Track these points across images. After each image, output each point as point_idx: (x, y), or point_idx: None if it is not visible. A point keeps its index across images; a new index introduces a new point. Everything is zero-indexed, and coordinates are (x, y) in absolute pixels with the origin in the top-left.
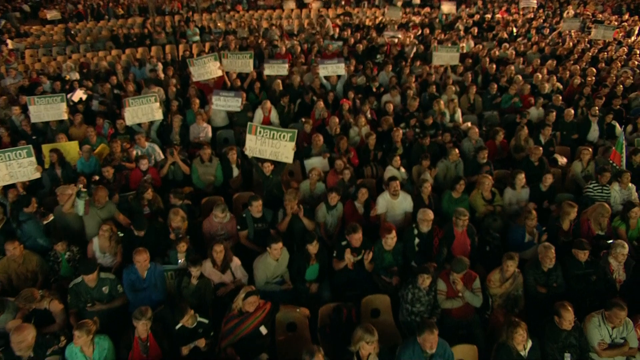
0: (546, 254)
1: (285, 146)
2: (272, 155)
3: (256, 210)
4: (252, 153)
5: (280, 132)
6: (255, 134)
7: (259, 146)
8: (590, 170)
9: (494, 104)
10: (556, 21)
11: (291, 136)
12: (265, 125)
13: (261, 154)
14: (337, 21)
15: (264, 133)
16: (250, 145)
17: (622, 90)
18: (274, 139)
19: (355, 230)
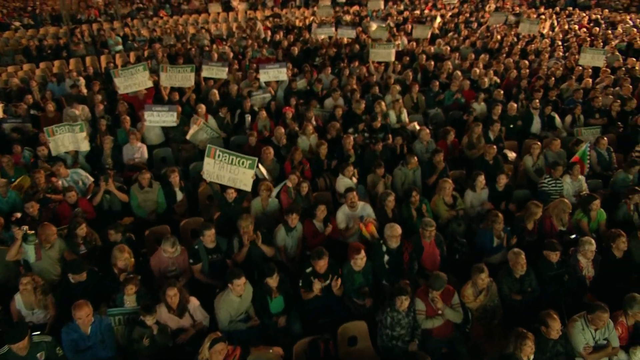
0: (517, 261)
1: (244, 173)
2: (229, 182)
3: (209, 241)
4: (210, 177)
5: (239, 158)
6: (213, 158)
7: (217, 171)
8: (541, 164)
9: (437, 101)
10: (481, 15)
11: (251, 164)
12: (225, 149)
13: (219, 179)
14: (266, 23)
15: (222, 157)
16: (208, 169)
17: (555, 81)
18: (233, 164)
19: (320, 256)
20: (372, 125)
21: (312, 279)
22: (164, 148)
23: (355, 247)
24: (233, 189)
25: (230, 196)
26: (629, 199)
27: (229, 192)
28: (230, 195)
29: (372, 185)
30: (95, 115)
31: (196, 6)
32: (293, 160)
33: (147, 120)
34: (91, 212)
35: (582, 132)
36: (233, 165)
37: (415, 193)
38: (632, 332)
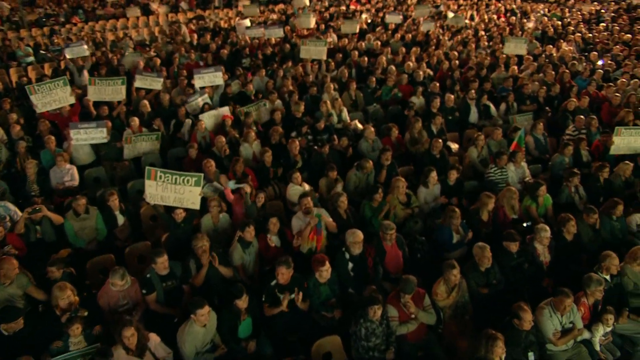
0: (483, 255)
1: (190, 191)
2: (176, 202)
3: (162, 267)
4: (154, 200)
5: (183, 177)
6: (155, 180)
7: (160, 192)
8: (485, 154)
9: (376, 97)
10: (405, 8)
11: (196, 180)
12: (166, 170)
13: (164, 201)
14: (190, 26)
15: (164, 178)
16: (151, 191)
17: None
18: (177, 183)
19: (287, 265)
20: (315, 127)
21: (278, 292)
22: (96, 168)
23: (319, 259)
24: (181, 209)
25: (179, 216)
26: (569, 181)
27: (177, 212)
28: (179, 215)
29: (325, 189)
30: (11, 136)
31: (112, 11)
32: (235, 172)
33: (74, 139)
34: (22, 247)
35: (517, 119)
36: (178, 185)
37: (380, 191)
38: (592, 310)
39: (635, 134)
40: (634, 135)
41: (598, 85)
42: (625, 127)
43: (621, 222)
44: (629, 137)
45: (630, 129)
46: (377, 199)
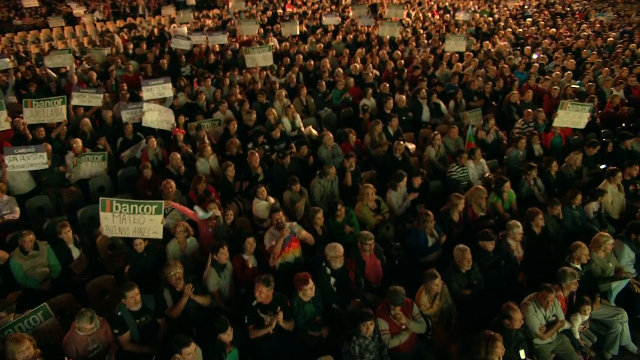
0: (464, 257)
1: (151, 220)
2: (136, 233)
3: (133, 302)
4: (111, 233)
5: (142, 205)
6: (110, 211)
7: (118, 224)
8: (443, 153)
9: (326, 101)
10: (342, 8)
11: (157, 208)
12: (123, 199)
13: (122, 233)
14: (122, 35)
15: (121, 208)
16: (107, 224)
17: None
18: (136, 213)
19: (267, 283)
20: (271, 136)
21: (260, 312)
22: (39, 196)
23: (302, 278)
24: (141, 239)
25: (139, 247)
26: (527, 175)
27: (137, 242)
28: (139, 246)
29: (289, 202)
30: None
31: (32, 21)
32: (197, 191)
33: (10, 166)
34: None
35: (467, 115)
36: (137, 215)
37: (340, 206)
38: (568, 302)
39: (580, 110)
40: (579, 111)
41: (536, 79)
42: (571, 102)
43: (580, 210)
44: (573, 112)
45: (576, 104)
46: (340, 215)
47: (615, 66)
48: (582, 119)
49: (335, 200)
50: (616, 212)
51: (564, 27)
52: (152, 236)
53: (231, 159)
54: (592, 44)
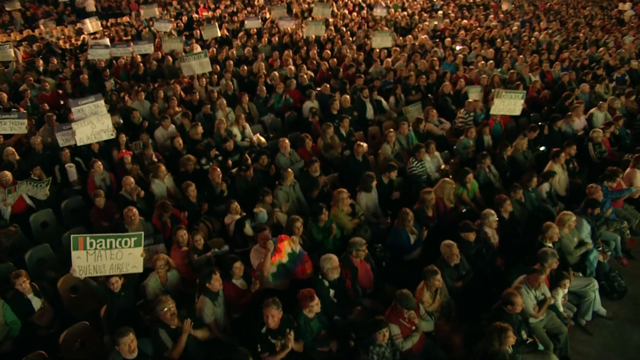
0: (452, 252)
1: (130, 254)
2: (114, 269)
3: (128, 350)
4: (85, 273)
5: (119, 238)
6: (84, 249)
7: (92, 262)
8: (397, 149)
9: (269, 107)
10: (257, 10)
11: (136, 240)
12: (96, 235)
13: (98, 271)
14: (22, 49)
15: (96, 244)
16: (80, 263)
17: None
18: (113, 247)
19: (268, 304)
20: (225, 149)
21: (271, 338)
22: None
23: (306, 295)
24: (117, 276)
25: (116, 285)
26: (482, 163)
27: (112, 280)
28: (116, 284)
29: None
30: None
31: None
32: (162, 216)
33: None
34: None
35: (409, 110)
36: (114, 249)
37: (325, 210)
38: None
39: (514, 97)
40: (513, 98)
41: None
42: (505, 90)
43: (535, 192)
44: (508, 99)
45: (510, 92)
46: (323, 219)
47: (526, 53)
48: (517, 105)
49: (319, 204)
50: (562, 189)
51: (473, 18)
52: (131, 271)
53: (187, 177)
54: (502, 33)
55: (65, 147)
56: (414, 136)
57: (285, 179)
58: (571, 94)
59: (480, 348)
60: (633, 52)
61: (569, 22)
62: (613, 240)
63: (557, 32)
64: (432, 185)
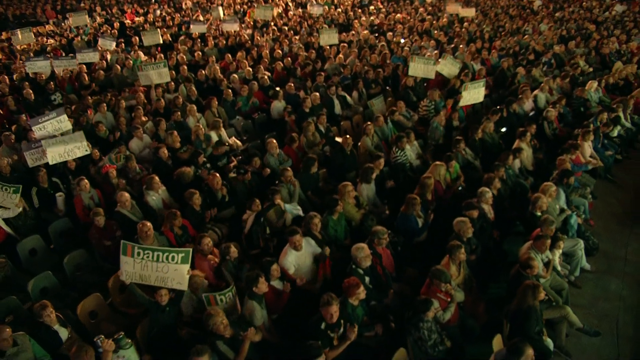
0: (466, 227)
1: (176, 270)
2: (158, 282)
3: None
4: (131, 279)
5: (167, 253)
6: (132, 256)
7: (139, 271)
8: (376, 141)
9: (236, 110)
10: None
11: (184, 257)
12: (144, 246)
13: (143, 280)
14: None
15: (144, 255)
16: (127, 269)
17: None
18: (160, 261)
19: (330, 302)
20: (212, 155)
21: (330, 333)
22: None
23: (352, 283)
24: (165, 290)
25: (163, 298)
26: (457, 147)
27: (162, 292)
28: (163, 297)
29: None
30: None
31: None
32: (172, 228)
33: None
34: None
35: (374, 103)
36: (160, 263)
37: (339, 202)
38: None
39: (477, 87)
40: (476, 87)
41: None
42: (470, 82)
43: (511, 169)
44: (472, 90)
45: (473, 83)
46: (339, 210)
47: (462, 43)
48: (480, 93)
49: (334, 198)
50: (529, 164)
51: (404, 12)
52: (175, 287)
53: (182, 187)
54: (436, 25)
55: (40, 168)
56: (392, 127)
57: (286, 176)
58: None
59: (512, 307)
60: (554, 38)
61: (491, 12)
62: (582, 205)
63: (482, 22)
64: (414, 172)
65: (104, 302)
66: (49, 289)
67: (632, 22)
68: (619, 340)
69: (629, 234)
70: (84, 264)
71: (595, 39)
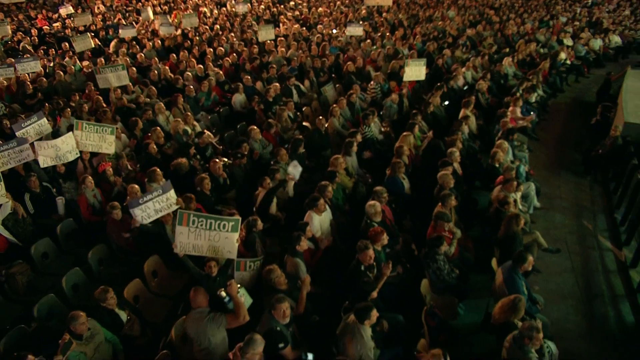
0: (449, 179)
1: (227, 238)
2: (210, 251)
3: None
4: (184, 250)
5: (219, 221)
6: (187, 225)
7: (192, 241)
8: (343, 121)
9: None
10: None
11: (234, 225)
12: (200, 213)
13: (196, 251)
14: None
15: (198, 223)
16: (182, 239)
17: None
18: (212, 229)
19: (367, 247)
20: (198, 146)
21: (369, 273)
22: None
23: (377, 231)
24: (214, 261)
25: (214, 269)
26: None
27: (210, 264)
28: (214, 268)
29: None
30: None
31: None
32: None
33: None
34: None
35: (327, 90)
36: (212, 231)
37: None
38: None
39: (418, 64)
40: (417, 65)
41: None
42: (412, 60)
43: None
44: (414, 67)
45: (415, 60)
46: (337, 181)
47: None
48: (422, 71)
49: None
50: (475, 129)
51: (325, 6)
52: (226, 256)
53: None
54: (357, 16)
55: (31, 174)
56: (358, 107)
57: (280, 156)
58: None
59: (500, 235)
60: (466, 22)
61: (402, 2)
62: (523, 157)
63: (397, 12)
64: (381, 144)
65: (145, 287)
66: (80, 285)
67: (522, 7)
68: (571, 255)
69: (559, 178)
70: (104, 258)
71: (497, 23)
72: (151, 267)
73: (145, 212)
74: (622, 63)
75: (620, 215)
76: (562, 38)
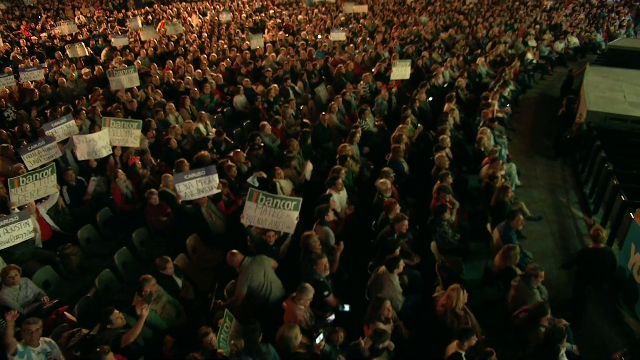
0: (444, 160)
1: (288, 215)
2: (271, 225)
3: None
4: (250, 222)
5: (284, 201)
6: (255, 201)
7: (258, 215)
8: (340, 116)
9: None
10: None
11: (296, 205)
12: (268, 193)
13: (260, 223)
14: None
15: (266, 201)
16: (249, 213)
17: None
18: (277, 207)
19: (404, 217)
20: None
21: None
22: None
23: (391, 201)
24: (273, 232)
25: (271, 238)
26: (406, 114)
27: (270, 234)
28: (271, 237)
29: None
30: None
31: None
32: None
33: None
34: None
35: (319, 90)
36: (277, 209)
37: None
38: None
39: (404, 65)
40: (403, 65)
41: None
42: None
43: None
44: (400, 67)
45: (401, 61)
46: (347, 166)
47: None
48: (407, 71)
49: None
50: (458, 120)
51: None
52: (285, 230)
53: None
54: (336, 22)
55: (68, 167)
56: (354, 104)
57: (293, 147)
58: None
59: (492, 204)
60: (439, 27)
61: (376, 9)
62: (503, 143)
63: (373, 18)
64: (378, 136)
65: (188, 260)
66: (127, 262)
67: (488, 12)
68: (549, 223)
69: (534, 162)
70: (145, 240)
71: (467, 27)
72: (192, 244)
73: (188, 189)
74: (580, 62)
75: (588, 190)
76: (527, 40)
